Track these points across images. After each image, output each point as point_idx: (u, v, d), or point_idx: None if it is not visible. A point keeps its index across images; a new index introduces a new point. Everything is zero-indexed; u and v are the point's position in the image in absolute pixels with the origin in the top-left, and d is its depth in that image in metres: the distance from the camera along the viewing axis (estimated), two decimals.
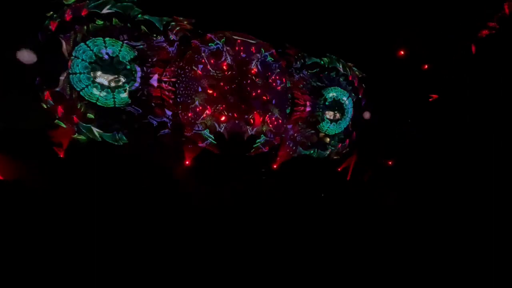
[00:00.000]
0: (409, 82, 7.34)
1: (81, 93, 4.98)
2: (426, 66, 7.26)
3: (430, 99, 7.36)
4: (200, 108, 5.84)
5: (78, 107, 5.01)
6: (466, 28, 6.49)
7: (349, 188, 7.20)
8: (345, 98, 7.25)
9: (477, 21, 6.39)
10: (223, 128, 6.07)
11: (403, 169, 7.38)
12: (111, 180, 4.76)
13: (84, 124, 5.04)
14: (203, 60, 5.79)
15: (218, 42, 5.90)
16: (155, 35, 5.37)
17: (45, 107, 4.78)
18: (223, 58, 5.96)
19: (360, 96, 7.50)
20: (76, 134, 5.02)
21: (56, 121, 4.87)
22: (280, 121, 6.61)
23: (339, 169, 7.64)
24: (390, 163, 7.88)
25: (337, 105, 7.20)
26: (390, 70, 7.22)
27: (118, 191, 4.68)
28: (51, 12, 4.65)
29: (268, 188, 6.21)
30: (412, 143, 7.49)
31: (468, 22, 6.44)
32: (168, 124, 5.67)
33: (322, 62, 7.03)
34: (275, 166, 6.80)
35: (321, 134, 7.23)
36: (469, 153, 6.68)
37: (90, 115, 5.07)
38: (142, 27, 5.24)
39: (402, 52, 7.24)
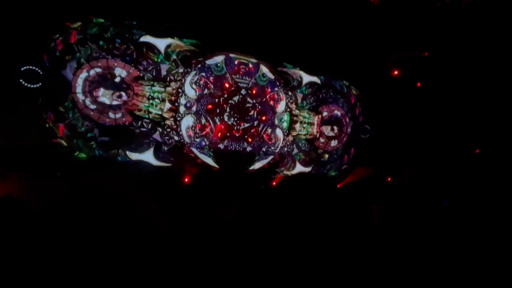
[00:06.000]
0: (405, 98, 7.48)
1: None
2: (419, 84, 7.43)
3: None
4: (199, 126, 5.93)
5: (80, 125, 5.09)
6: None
7: (347, 203, 7.16)
8: None
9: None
10: (222, 146, 6.13)
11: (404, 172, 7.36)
12: (111, 198, 4.75)
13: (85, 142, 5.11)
14: (203, 80, 5.92)
15: (217, 63, 6.06)
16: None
17: (47, 126, 4.86)
18: (223, 78, 6.10)
19: (357, 114, 7.64)
20: (77, 152, 5.10)
21: (58, 139, 4.94)
22: (279, 138, 6.70)
23: (338, 186, 7.65)
24: (389, 179, 7.89)
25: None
26: (386, 87, 7.38)
27: (119, 209, 4.66)
28: (57, 35, 4.83)
29: (267, 205, 6.18)
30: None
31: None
32: (168, 142, 5.73)
33: (319, 82, 7.20)
34: (274, 183, 6.80)
35: (320, 150, 7.31)
36: (469, 154, 6.70)
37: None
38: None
39: (396, 72, 7.44)
